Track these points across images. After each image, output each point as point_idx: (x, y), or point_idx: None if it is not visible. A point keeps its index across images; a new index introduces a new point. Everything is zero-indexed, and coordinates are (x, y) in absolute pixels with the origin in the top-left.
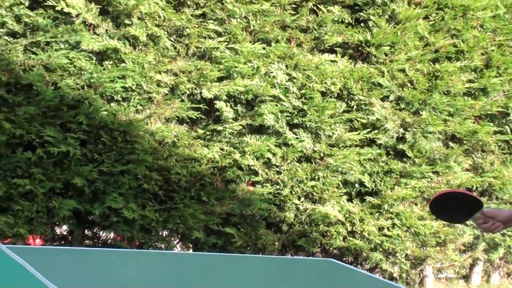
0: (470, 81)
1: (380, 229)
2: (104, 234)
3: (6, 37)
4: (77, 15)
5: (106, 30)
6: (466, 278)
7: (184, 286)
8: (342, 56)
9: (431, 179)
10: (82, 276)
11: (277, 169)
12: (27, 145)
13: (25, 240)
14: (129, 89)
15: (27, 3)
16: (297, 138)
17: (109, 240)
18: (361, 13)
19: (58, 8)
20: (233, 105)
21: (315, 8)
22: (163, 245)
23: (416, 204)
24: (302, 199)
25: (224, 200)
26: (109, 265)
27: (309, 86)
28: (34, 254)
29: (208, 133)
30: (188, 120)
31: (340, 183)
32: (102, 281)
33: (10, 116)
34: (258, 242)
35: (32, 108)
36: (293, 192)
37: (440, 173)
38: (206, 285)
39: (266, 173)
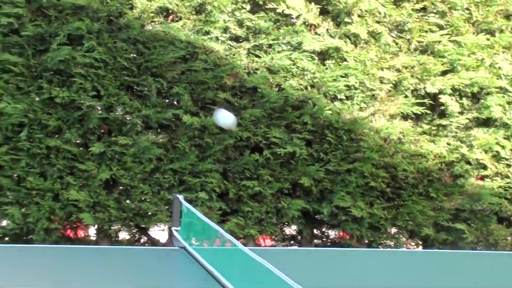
0: None
1: None
2: (333, 233)
3: (229, 42)
4: (298, 16)
5: (327, 29)
6: None
7: (418, 285)
8: None
9: None
10: (319, 276)
11: (507, 162)
12: (254, 147)
13: (256, 240)
14: (352, 87)
15: (248, 7)
16: None
17: (338, 239)
18: None
19: (279, 10)
20: (458, 99)
21: None
22: (392, 243)
23: None
24: None
25: (453, 195)
26: (340, 264)
27: None
28: (272, 255)
29: (433, 128)
30: (412, 116)
31: None
32: (335, 281)
33: (236, 119)
34: (490, 237)
35: (258, 110)
36: None
37: None
38: (442, 284)
39: (495, 167)
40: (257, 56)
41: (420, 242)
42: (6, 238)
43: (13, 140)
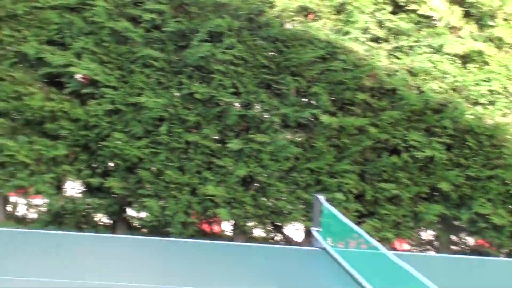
0: None
1: None
2: (471, 240)
3: (369, 43)
4: (440, 18)
5: (470, 32)
6: None
7: None
8: None
9: None
10: (458, 285)
11: None
12: (392, 150)
13: (391, 244)
14: (494, 92)
15: (389, 8)
16: None
17: (476, 247)
18: None
19: (420, 12)
20: None
21: None
22: None
23: None
24: None
25: None
26: (480, 274)
27: None
28: (409, 260)
29: None
30: None
31: None
32: None
33: (375, 121)
34: None
35: (397, 112)
36: None
37: None
38: None
39: None
40: (397, 57)
41: None
42: (144, 230)
43: (153, 134)
